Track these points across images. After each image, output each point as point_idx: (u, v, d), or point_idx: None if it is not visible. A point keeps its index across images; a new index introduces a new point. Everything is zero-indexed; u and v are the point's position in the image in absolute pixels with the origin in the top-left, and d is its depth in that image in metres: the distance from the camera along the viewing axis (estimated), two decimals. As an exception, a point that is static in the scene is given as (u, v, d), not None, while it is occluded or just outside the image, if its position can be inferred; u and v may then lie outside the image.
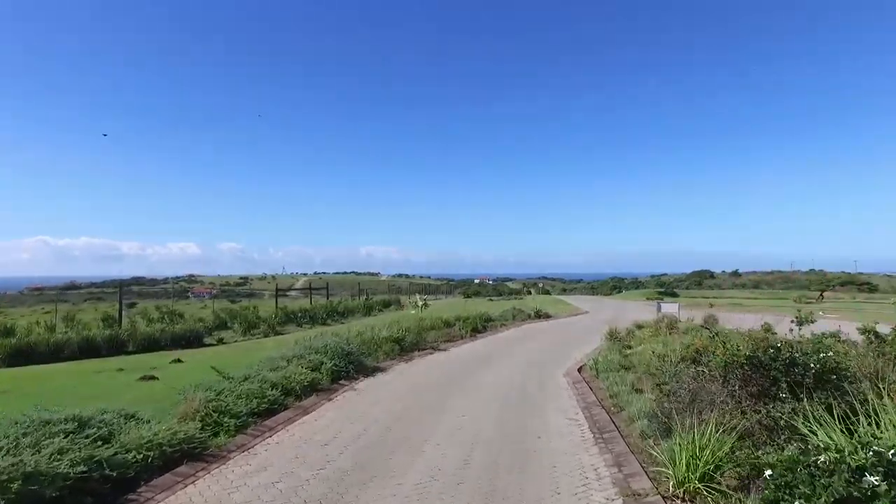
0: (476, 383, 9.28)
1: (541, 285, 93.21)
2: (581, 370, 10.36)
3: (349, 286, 50.66)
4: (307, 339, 10.66)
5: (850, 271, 78.01)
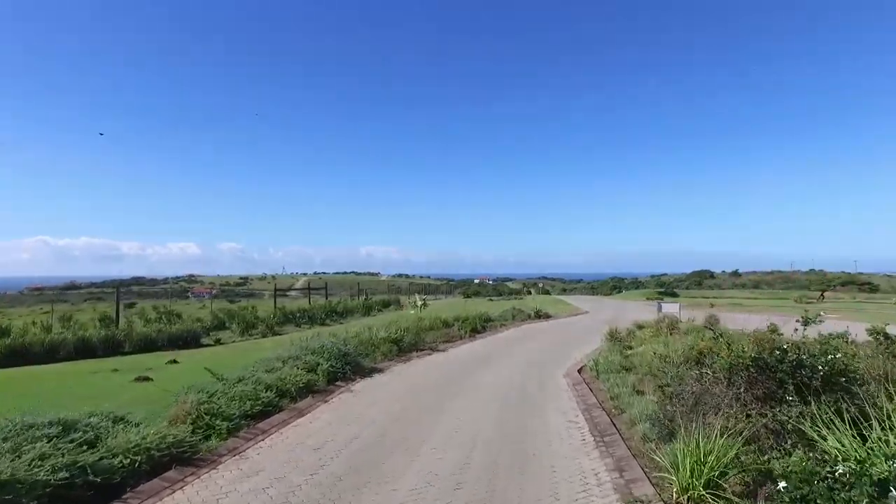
0: (475, 384, 9.14)
1: (541, 285, 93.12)
2: (581, 371, 10.22)
3: (349, 286, 50.44)
4: (304, 339, 10.52)
5: (850, 271, 78.03)
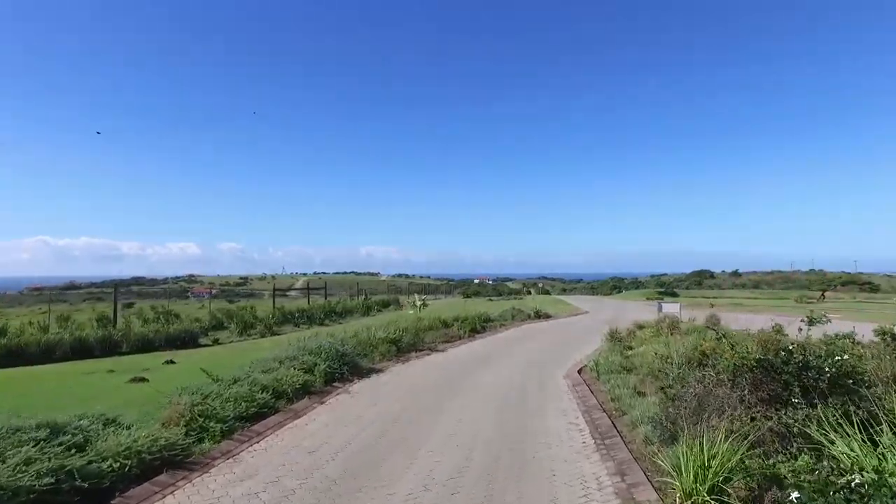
0: (474, 384, 9.03)
1: (541, 285, 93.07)
2: (581, 371, 10.11)
3: (348, 286, 50.26)
4: (301, 339, 10.41)
5: (850, 271, 77.99)
